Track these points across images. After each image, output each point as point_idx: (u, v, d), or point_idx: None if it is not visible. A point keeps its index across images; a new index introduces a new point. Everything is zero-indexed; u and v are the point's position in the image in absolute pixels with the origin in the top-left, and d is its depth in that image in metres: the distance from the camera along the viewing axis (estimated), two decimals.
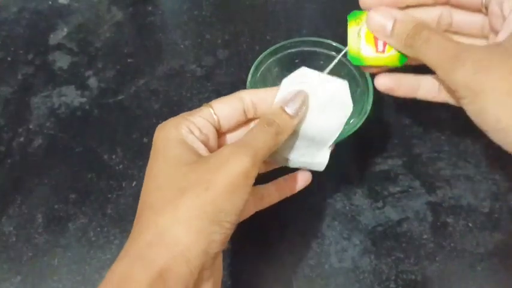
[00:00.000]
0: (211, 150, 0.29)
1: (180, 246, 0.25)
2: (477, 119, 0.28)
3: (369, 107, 0.41)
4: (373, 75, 0.38)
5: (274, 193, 0.35)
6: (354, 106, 0.44)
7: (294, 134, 0.31)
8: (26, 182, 0.44)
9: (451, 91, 0.33)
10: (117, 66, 0.51)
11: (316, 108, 0.31)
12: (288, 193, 0.36)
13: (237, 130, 0.33)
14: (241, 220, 0.33)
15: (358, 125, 0.40)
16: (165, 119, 0.29)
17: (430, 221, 0.41)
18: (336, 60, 0.33)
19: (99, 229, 0.42)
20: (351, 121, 0.43)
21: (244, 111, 0.31)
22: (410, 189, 0.43)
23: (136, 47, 0.52)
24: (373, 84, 0.42)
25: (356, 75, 0.44)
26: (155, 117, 0.48)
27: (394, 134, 0.46)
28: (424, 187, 0.43)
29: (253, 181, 0.27)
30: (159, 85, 0.50)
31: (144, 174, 0.28)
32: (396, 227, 0.41)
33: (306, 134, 0.32)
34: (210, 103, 0.31)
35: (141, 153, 0.46)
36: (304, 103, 0.30)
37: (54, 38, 0.53)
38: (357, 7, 0.34)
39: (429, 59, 0.30)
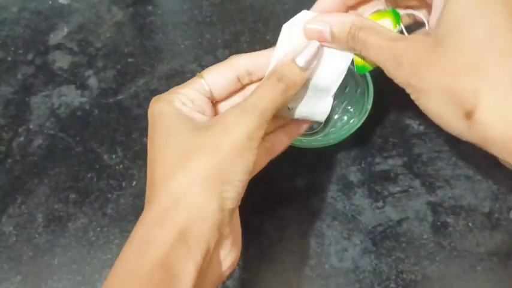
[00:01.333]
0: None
1: (195, 206, 0.25)
2: (426, 113, 0.28)
3: (369, 107, 0.41)
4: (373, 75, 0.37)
5: (283, 138, 0.34)
6: (354, 106, 0.44)
7: None
8: (26, 182, 0.44)
9: None
10: (117, 66, 0.51)
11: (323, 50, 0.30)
12: (295, 135, 0.34)
13: (232, 97, 0.32)
14: (256, 172, 0.33)
15: (358, 125, 0.41)
16: (148, 161, 0.29)
17: (430, 220, 0.41)
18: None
19: (99, 229, 0.42)
20: (351, 121, 0.43)
21: (239, 79, 0.30)
22: (410, 189, 0.43)
23: (137, 47, 0.52)
24: (374, 85, 0.42)
25: (356, 75, 0.44)
26: None
27: (394, 134, 0.46)
28: (424, 187, 0.43)
29: (259, 141, 0.27)
30: (159, 85, 0.50)
31: (144, 174, 0.28)
32: (396, 227, 0.41)
33: (309, 82, 0.30)
34: (202, 73, 0.30)
35: (141, 153, 0.46)
36: (317, 54, 0.29)
37: (54, 38, 0.53)
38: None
39: (373, 61, 0.29)
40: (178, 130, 0.27)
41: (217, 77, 0.30)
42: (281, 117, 0.33)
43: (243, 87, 0.32)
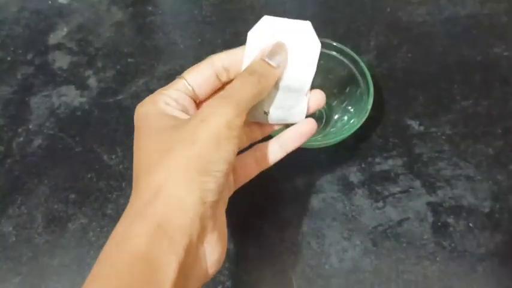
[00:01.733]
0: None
1: (174, 198, 0.25)
2: None
3: (369, 107, 0.41)
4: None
5: (276, 148, 0.34)
6: (354, 106, 0.44)
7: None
8: (25, 182, 0.44)
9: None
10: (117, 66, 0.51)
11: (288, 55, 0.31)
12: (291, 147, 0.34)
13: (214, 96, 0.32)
14: (247, 181, 0.33)
15: (358, 125, 0.41)
16: (133, 159, 0.29)
17: (430, 221, 0.41)
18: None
19: (99, 229, 0.42)
20: (351, 121, 0.43)
21: (217, 76, 0.31)
22: (410, 189, 0.43)
23: (136, 47, 0.52)
24: (374, 85, 0.42)
25: (356, 75, 0.44)
26: None
27: (394, 134, 0.46)
28: (424, 187, 0.43)
29: (239, 131, 0.27)
30: (159, 85, 0.50)
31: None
32: (397, 227, 0.41)
33: (281, 84, 0.31)
34: (183, 74, 0.31)
35: None
36: (285, 53, 0.30)
37: (54, 38, 0.53)
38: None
39: None
40: (160, 128, 0.28)
41: (197, 75, 0.31)
42: (271, 126, 0.34)
43: (222, 86, 0.32)
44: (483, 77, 0.49)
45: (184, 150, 0.26)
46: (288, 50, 0.31)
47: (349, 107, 0.45)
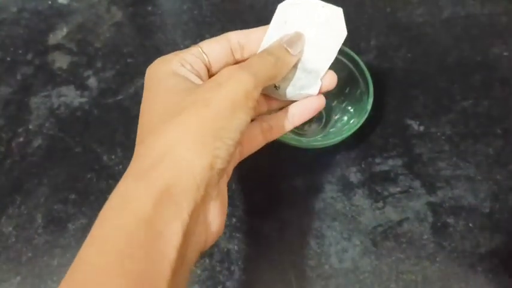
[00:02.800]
0: None
1: (184, 161, 0.24)
2: None
3: (369, 107, 0.41)
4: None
5: (283, 122, 0.33)
6: (354, 106, 0.44)
7: None
8: (25, 183, 0.44)
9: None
10: (116, 66, 0.51)
11: (311, 36, 0.31)
12: (298, 121, 0.34)
13: None
14: (251, 153, 0.32)
15: (358, 125, 0.40)
16: (139, 118, 0.29)
17: (430, 221, 0.41)
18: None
19: None
20: (351, 121, 0.43)
21: (232, 51, 0.31)
22: (410, 190, 0.43)
23: (136, 47, 0.52)
24: (374, 85, 0.42)
25: (356, 75, 0.44)
26: None
27: (394, 134, 0.46)
28: (424, 187, 0.43)
29: (254, 104, 0.26)
30: None
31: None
32: (396, 228, 0.41)
33: (299, 63, 0.31)
34: (199, 44, 0.30)
35: None
36: (302, 44, 0.31)
37: (54, 38, 0.53)
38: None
39: None
40: (172, 88, 0.27)
41: (213, 46, 0.30)
42: (278, 101, 0.34)
43: (235, 63, 0.32)
44: (483, 77, 0.49)
45: (198, 112, 0.25)
46: (306, 40, 0.31)
47: (349, 107, 0.45)
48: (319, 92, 0.33)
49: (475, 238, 0.40)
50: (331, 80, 0.32)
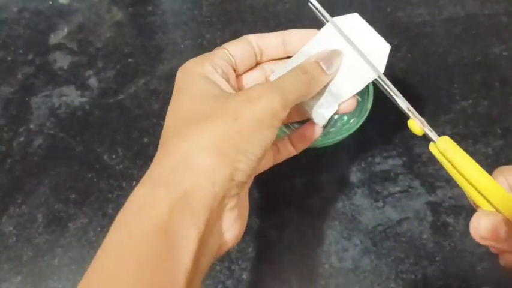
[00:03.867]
0: (233, 90, 0.29)
1: (206, 169, 0.24)
2: None
3: (369, 107, 0.41)
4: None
5: (288, 146, 0.34)
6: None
7: None
8: (26, 182, 0.44)
9: None
10: (117, 66, 0.51)
11: (348, 59, 0.31)
12: (300, 147, 0.34)
13: (249, 73, 0.32)
14: (261, 171, 0.33)
15: (358, 125, 0.41)
16: (165, 118, 0.29)
17: (430, 220, 0.41)
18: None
19: (99, 229, 0.42)
20: (351, 121, 0.43)
21: (255, 53, 0.31)
22: (410, 189, 0.43)
23: (137, 47, 0.52)
24: (373, 85, 0.42)
25: None
26: (155, 117, 0.48)
27: (394, 134, 0.46)
28: (424, 187, 0.43)
29: (280, 124, 0.27)
30: (159, 85, 0.50)
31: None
32: (396, 227, 0.41)
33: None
34: (223, 46, 0.30)
35: (141, 153, 0.46)
36: (339, 62, 0.30)
37: (55, 38, 0.53)
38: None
39: None
40: (202, 93, 0.27)
41: (238, 48, 0.31)
42: (297, 114, 0.34)
43: (256, 65, 0.32)
44: (483, 77, 0.49)
45: (225, 124, 0.25)
46: (342, 60, 0.31)
47: None
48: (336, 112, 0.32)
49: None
50: (349, 106, 0.32)
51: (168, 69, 0.51)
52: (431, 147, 0.31)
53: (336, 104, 0.31)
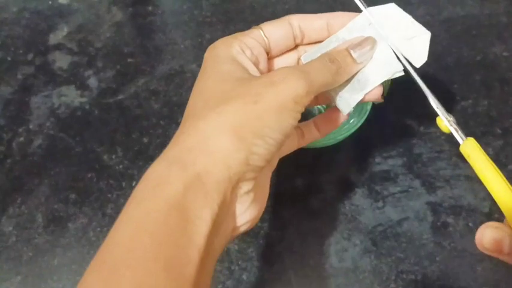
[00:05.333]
0: (261, 73, 0.29)
1: (221, 151, 0.24)
2: None
3: (369, 107, 0.41)
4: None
5: (313, 130, 0.33)
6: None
7: None
8: (26, 182, 0.44)
9: None
10: (117, 66, 0.51)
11: (380, 49, 0.30)
12: (325, 131, 0.33)
13: (284, 55, 0.32)
14: (287, 153, 0.32)
15: (358, 125, 0.41)
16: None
17: (430, 221, 0.41)
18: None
19: (99, 229, 0.42)
20: (351, 121, 0.43)
21: (293, 35, 0.30)
22: (410, 189, 0.43)
23: (136, 47, 0.52)
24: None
25: None
26: (155, 117, 0.48)
27: (394, 134, 0.46)
28: (424, 187, 0.43)
29: (303, 109, 0.26)
30: (159, 85, 0.50)
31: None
32: (396, 227, 0.41)
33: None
34: (260, 25, 0.30)
35: (141, 153, 0.46)
36: (372, 50, 0.29)
37: (54, 38, 0.53)
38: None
39: None
40: (226, 75, 0.26)
41: (275, 29, 0.30)
42: (324, 98, 0.33)
43: (295, 47, 0.31)
44: (483, 77, 0.49)
45: (244, 106, 0.24)
46: (376, 48, 0.30)
47: None
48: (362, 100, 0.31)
49: (474, 238, 0.40)
50: (375, 94, 0.31)
51: (168, 69, 0.51)
52: (461, 147, 0.31)
53: (362, 92, 0.30)
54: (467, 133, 0.45)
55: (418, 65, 0.30)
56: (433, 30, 0.52)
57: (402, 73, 0.30)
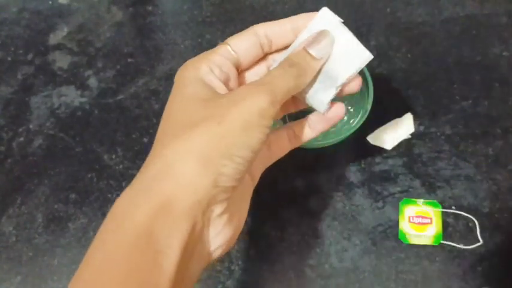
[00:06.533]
0: (231, 90, 0.29)
1: (187, 176, 0.24)
2: None
3: (369, 107, 0.41)
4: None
5: (306, 129, 0.33)
6: (354, 106, 0.44)
7: None
8: (26, 182, 0.44)
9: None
10: (117, 66, 0.51)
11: (343, 43, 0.30)
12: (320, 128, 0.33)
13: (255, 67, 0.32)
14: (280, 157, 0.32)
15: (358, 125, 0.41)
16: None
17: None
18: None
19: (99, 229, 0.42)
20: (351, 121, 0.43)
21: (261, 45, 0.30)
22: (410, 189, 0.43)
23: (136, 47, 0.52)
24: (374, 85, 0.42)
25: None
26: (155, 117, 0.48)
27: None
28: (424, 187, 0.43)
29: (271, 122, 0.26)
30: (159, 85, 0.50)
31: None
32: (396, 227, 0.41)
33: (322, 66, 0.30)
34: (226, 41, 0.30)
35: (140, 153, 0.46)
36: (330, 44, 0.29)
37: (54, 38, 0.53)
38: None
39: None
40: (192, 98, 0.27)
41: (241, 42, 0.30)
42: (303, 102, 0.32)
43: (264, 56, 0.31)
44: (483, 77, 0.49)
45: (209, 129, 0.25)
46: (334, 41, 0.30)
47: (349, 107, 0.45)
48: (339, 93, 0.31)
49: (474, 238, 0.41)
50: (354, 87, 0.31)
51: (167, 69, 0.51)
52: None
53: (334, 87, 0.30)
54: (467, 133, 0.46)
55: (367, 60, 0.30)
56: (433, 30, 0.52)
57: (372, 56, 0.30)
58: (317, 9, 0.31)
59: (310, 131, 0.32)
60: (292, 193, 0.43)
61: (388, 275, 0.39)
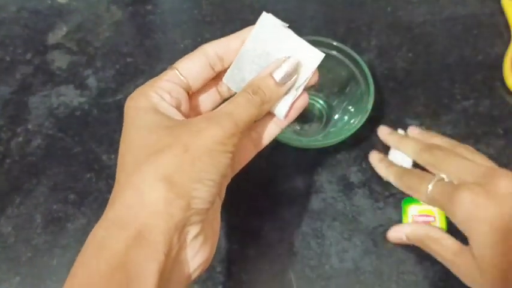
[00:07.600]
0: (184, 114, 0.29)
1: (160, 202, 0.24)
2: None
3: (369, 107, 0.41)
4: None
5: (271, 127, 0.32)
6: (354, 106, 0.44)
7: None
8: (24, 183, 0.44)
9: None
10: (116, 65, 0.51)
11: (291, 50, 0.29)
12: (285, 122, 0.32)
13: (208, 89, 0.32)
14: (244, 165, 0.32)
15: (359, 125, 0.40)
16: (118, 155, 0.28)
17: None
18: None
19: None
20: (352, 121, 0.43)
21: (211, 66, 0.30)
22: None
23: (136, 46, 0.52)
24: (374, 85, 0.42)
25: (357, 75, 0.44)
26: None
27: None
28: None
29: (234, 148, 0.26)
30: None
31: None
32: None
33: None
34: (174, 65, 0.29)
35: None
36: (295, 71, 0.29)
37: (53, 38, 0.53)
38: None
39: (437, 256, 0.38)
40: (150, 127, 0.26)
41: (190, 65, 0.29)
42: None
43: (217, 75, 0.31)
44: (484, 77, 0.49)
45: (176, 156, 0.25)
46: (287, 52, 0.29)
47: (350, 107, 0.45)
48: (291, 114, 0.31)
49: None
50: (311, 82, 0.30)
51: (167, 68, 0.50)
52: None
53: (292, 95, 0.30)
54: (469, 133, 0.45)
55: (318, 61, 0.30)
56: (434, 29, 0.52)
57: (323, 55, 0.30)
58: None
59: (276, 127, 0.32)
60: (292, 193, 0.43)
61: (389, 276, 0.39)
